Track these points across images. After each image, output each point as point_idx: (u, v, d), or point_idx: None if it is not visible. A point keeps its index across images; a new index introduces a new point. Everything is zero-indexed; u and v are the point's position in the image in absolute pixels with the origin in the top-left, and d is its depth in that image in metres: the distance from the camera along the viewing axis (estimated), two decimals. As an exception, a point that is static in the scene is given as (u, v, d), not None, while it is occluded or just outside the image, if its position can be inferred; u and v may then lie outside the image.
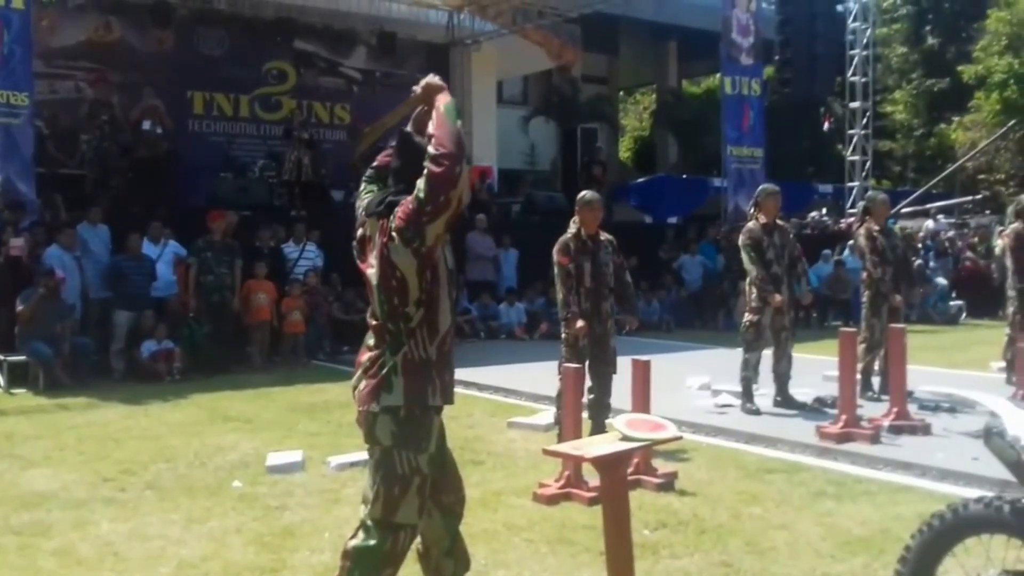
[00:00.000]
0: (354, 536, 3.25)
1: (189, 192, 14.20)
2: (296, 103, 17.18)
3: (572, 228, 6.54)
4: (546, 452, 3.76)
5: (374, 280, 3.24)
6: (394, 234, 3.06)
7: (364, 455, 6.12)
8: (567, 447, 3.70)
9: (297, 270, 12.39)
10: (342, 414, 8.21)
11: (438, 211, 2.98)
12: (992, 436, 2.90)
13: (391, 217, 3.09)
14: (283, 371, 10.98)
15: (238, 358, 11.26)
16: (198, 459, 6.44)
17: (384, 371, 3.19)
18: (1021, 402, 7.33)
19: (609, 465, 3.32)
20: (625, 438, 3.36)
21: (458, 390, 9.83)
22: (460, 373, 10.57)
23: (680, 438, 3.44)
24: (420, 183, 3.00)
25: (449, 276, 3.25)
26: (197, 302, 11.15)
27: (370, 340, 3.33)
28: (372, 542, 3.18)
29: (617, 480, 3.37)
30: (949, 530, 2.92)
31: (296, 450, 6.42)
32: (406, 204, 3.04)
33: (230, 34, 16.67)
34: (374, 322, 3.32)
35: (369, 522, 3.21)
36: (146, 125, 13.80)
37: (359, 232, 3.34)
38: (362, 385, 3.26)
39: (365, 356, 3.30)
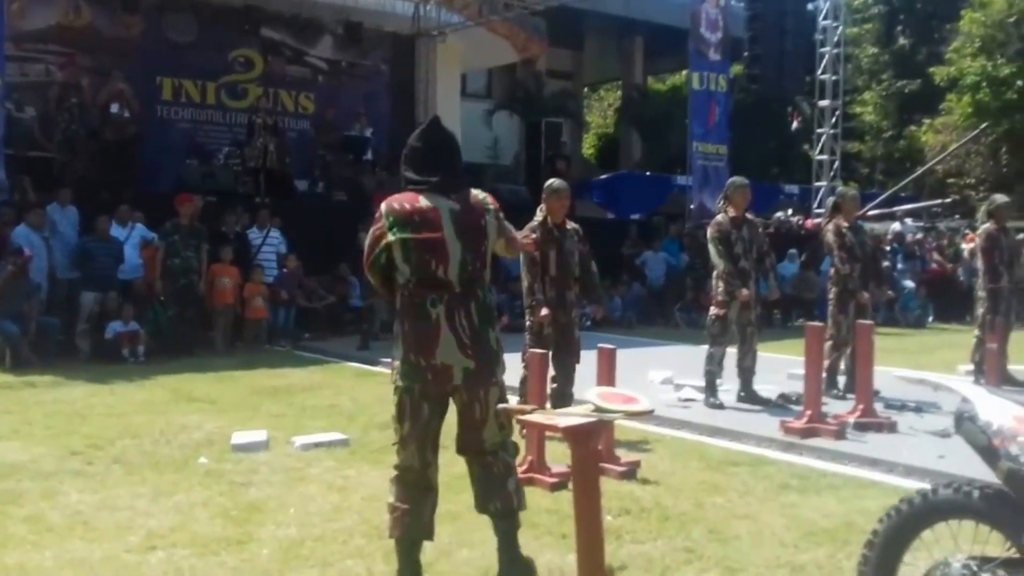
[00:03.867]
0: (504, 453, 3.91)
1: (155, 176, 14.22)
2: (262, 91, 17.14)
3: (538, 216, 6.58)
4: (519, 421, 3.78)
5: (465, 246, 3.73)
6: (494, 213, 3.96)
7: (328, 436, 6.30)
8: (539, 416, 3.65)
9: (260, 256, 12.44)
10: (305, 397, 8.31)
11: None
12: (963, 421, 2.91)
13: (484, 198, 3.96)
14: (245, 355, 11.03)
15: (202, 341, 11.30)
16: (163, 436, 6.51)
17: (495, 347, 3.85)
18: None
19: (581, 436, 3.29)
20: (598, 409, 3.33)
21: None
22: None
23: (652, 411, 3.47)
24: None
25: None
26: (164, 285, 11.16)
27: (462, 303, 3.76)
28: (508, 456, 3.94)
29: (589, 452, 3.36)
30: (917, 515, 2.96)
31: (260, 430, 6.51)
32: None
33: (198, 21, 16.58)
34: (458, 290, 3.75)
35: (496, 446, 3.90)
36: (114, 108, 13.74)
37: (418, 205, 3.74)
38: (471, 365, 3.75)
39: (464, 333, 3.74)
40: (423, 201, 3.70)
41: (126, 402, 7.95)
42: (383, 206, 3.75)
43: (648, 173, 22.88)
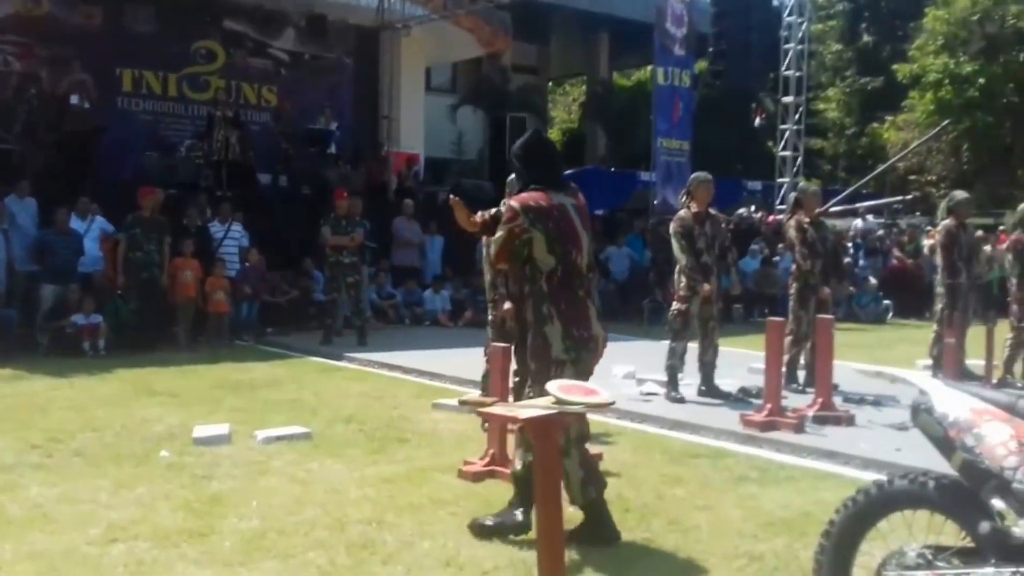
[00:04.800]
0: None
1: (116, 169, 14.05)
2: (224, 83, 17.00)
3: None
4: (480, 413, 3.81)
5: (587, 242, 4.24)
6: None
7: (291, 430, 6.28)
8: (500, 408, 3.67)
9: (222, 250, 12.35)
10: (268, 391, 8.27)
11: None
12: (920, 413, 2.97)
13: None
14: (208, 350, 10.95)
15: (163, 336, 11.22)
16: (125, 430, 6.46)
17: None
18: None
19: (542, 428, 3.32)
20: (559, 402, 3.33)
21: (383, 372, 10.00)
22: (384, 357, 10.71)
23: (613, 403, 3.50)
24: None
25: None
26: (126, 278, 11.05)
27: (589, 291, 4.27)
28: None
29: (550, 444, 3.38)
30: (873, 505, 3.02)
31: (223, 424, 6.47)
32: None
33: (159, 11, 16.38)
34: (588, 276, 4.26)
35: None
36: (74, 99, 13.59)
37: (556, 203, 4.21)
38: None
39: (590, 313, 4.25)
40: (553, 199, 4.16)
41: (87, 395, 7.87)
42: (517, 204, 4.16)
43: (612, 169, 22.95)
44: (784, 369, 7.82)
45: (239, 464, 5.60)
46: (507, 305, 6.48)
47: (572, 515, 4.55)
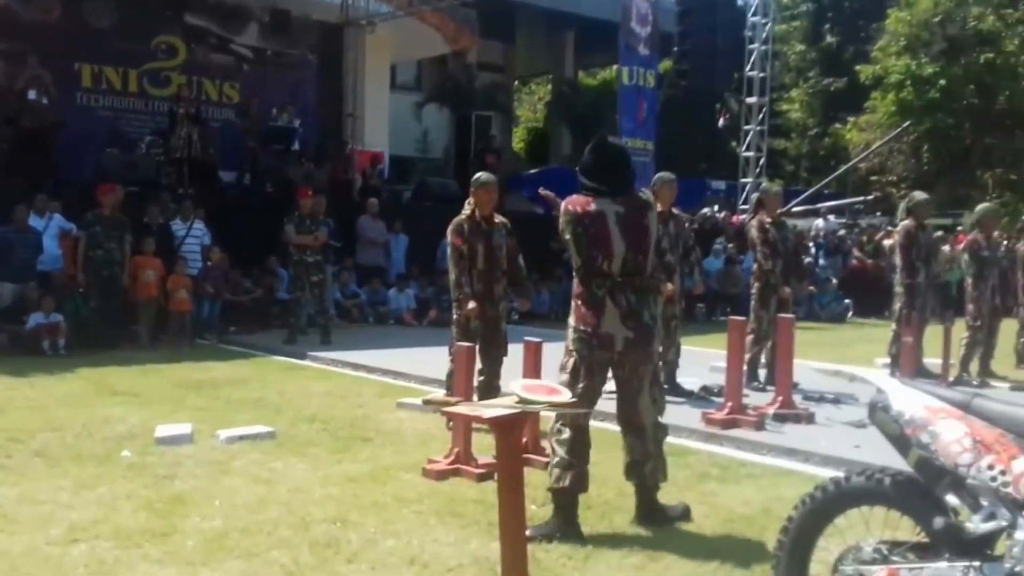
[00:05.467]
0: (642, 439, 4.58)
1: (75, 166, 13.83)
2: (185, 79, 16.83)
3: (467, 210, 6.59)
4: (443, 413, 3.84)
5: (647, 245, 4.49)
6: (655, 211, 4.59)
7: (254, 429, 6.25)
8: (464, 408, 3.71)
9: (184, 248, 12.24)
10: (230, 390, 8.21)
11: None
12: (877, 411, 3.02)
13: (649, 199, 4.64)
14: (169, 349, 10.85)
15: (124, 334, 11.10)
16: (86, 430, 6.39)
17: (651, 323, 4.49)
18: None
19: (506, 427, 3.35)
20: (522, 401, 3.38)
21: (347, 371, 9.96)
22: (348, 356, 10.67)
23: (576, 402, 3.54)
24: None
25: None
26: (86, 277, 10.91)
27: (615, 298, 4.44)
28: (662, 435, 4.70)
29: (513, 443, 3.42)
30: (831, 501, 3.06)
31: (185, 423, 6.42)
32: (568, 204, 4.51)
33: (119, 5, 16.18)
34: (619, 280, 4.45)
35: (652, 427, 4.62)
36: (31, 95, 13.32)
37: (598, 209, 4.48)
38: (630, 335, 4.43)
39: (620, 312, 4.44)
40: (593, 205, 4.46)
41: (47, 395, 7.77)
42: (565, 205, 4.54)
43: (578, 168, 22.97)
44: (745, 368, 7.88)
45: (201, 464, 5.56)
46: (471, 304, 6.53)
47: (534, 513, 4.59)
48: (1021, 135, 26.72)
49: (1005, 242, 12.84)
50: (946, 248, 11.11)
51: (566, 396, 3.54)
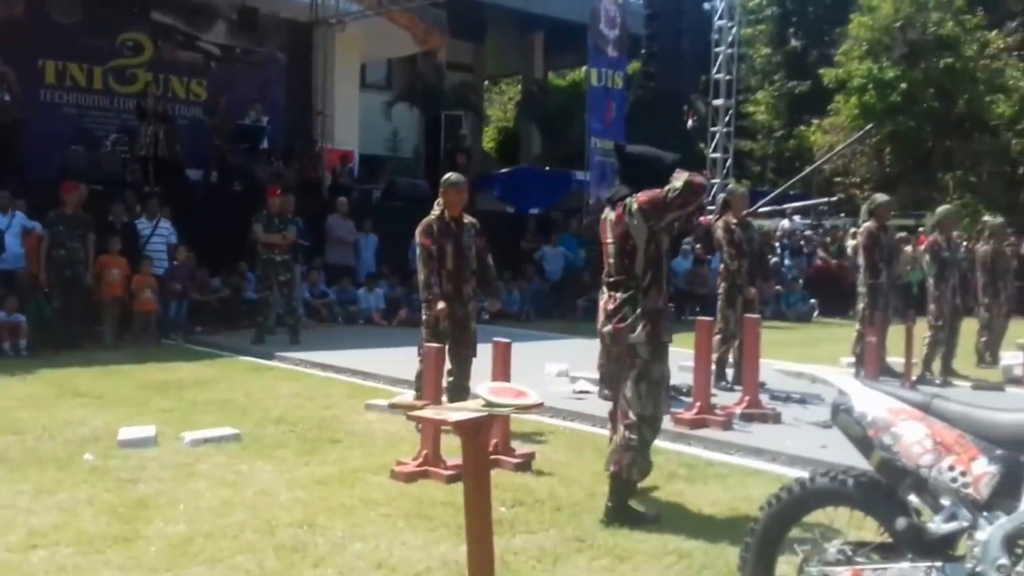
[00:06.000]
0: (626, 432, 4.72)
1: (39, 163, 13.65)
2: (152, 76, 16.64)
3: (436, 210, 6.57)
4: (410, 417, 3.83)
5: (613, 248, 4.78)
6: (635, 211, 4.60)
7: (220, 431, 6.19)
8: (430, 412, 3.71)
9: (150, 247, 12.11)
10: (196, 392, 8.13)
11: (680, 207, 4.53)
12: (840, 413, 3.04)
13: (629, 202, 4.62)
14: (134, 349, 10.74)
15: (88, 335, 10.96)
16: (47, 432, 6.30)
17: (629, 319, 4.69)
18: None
19: (472, 430, 3.34)
20: (488, 404, 3.38)
21: (315, 372, 9.90)
22: (317, 356, 10.61)
23: (542, 404, 3.52)
24: (676, 183, 4.48)
25: (665, 254, 4.76)
26: (49, 276, 10.77)
27: (611, 292, 4.82)
28: (642, 433, 4.70)
29: (479, 446, 3.41)
30: (796, 502, 3.08)
31: (149, 425, 6.35)
32: (656, 193, 4.53)
33: (84, 2, 15.99)
34: (610, 280, 4.84)
35: (634, 419, 4.71)
36: (-6, 92, 13.17)
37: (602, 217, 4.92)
38: (610, 327, 4.79)
39: (610, 305, 4.80)
40: (605, 213, 4.91)
41: (7, 396, 7.66)
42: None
43: (547, 168, 23.04)
44: (713, 367, 7.90)
45: (166, 467, 5.50)
46: (441, 305, 6.51)
47: (503, 515, 4.58)
48: (980, 138, 27.13)
49: (965, 243, 13.02)
50: (908, 249, 11.23)
51: (533, 399, 3.53)
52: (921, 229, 16.04)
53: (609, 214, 4.84)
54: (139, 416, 6.91)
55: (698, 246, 17.09)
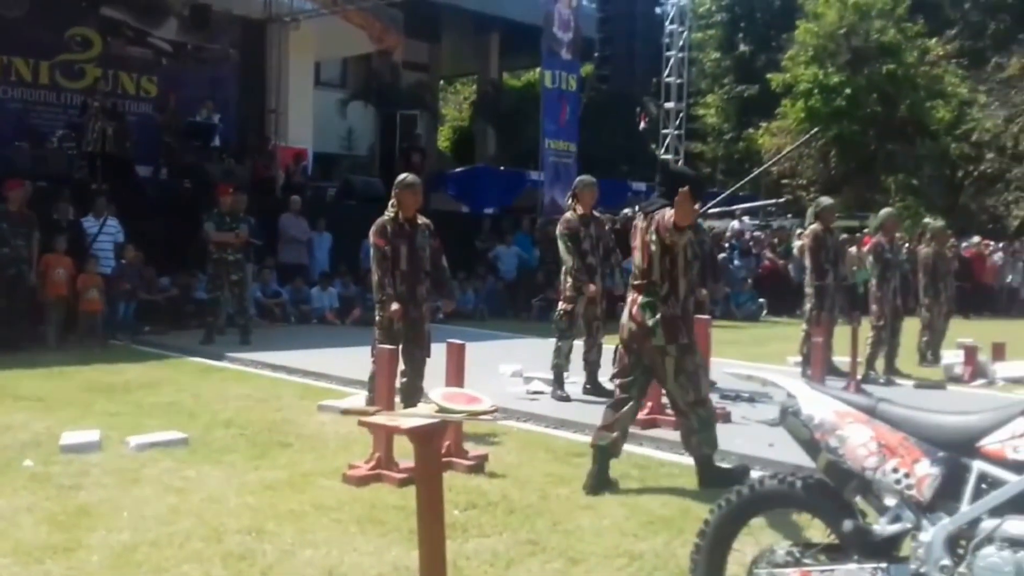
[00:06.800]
0: (684, 420, 5.40)
1: (-19, 160, 13.35)
2: (101, 72, 16.39)
3: (390, 211, 6.54)
4: (361, 424, 3.77)
5: (637, 255, 5.30)
6: (652, 229, 5.12)
7: (167, 435, 6.08)
8: (382, 418, 3.68)
9: (96, 246, 11.88)
10: (143, 394, 7.99)
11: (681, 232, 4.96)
12: (788, 415, 3.07)
13: (654, 219, 5.09)
14: (79, 350, 10.51)
15: (31, 335, 10.73)
16: (-15, 438, 6.14)
17: (649, 324, 5.21)
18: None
19: (425, 437, 3.33)
20: (442, 410, 3.37)
21: (266, 373, 9.78)
22: (268, 356, 10.48)
23: (496, 410, 3.51)
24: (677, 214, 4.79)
25: (686, 264, 5.26)
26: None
27: (634, 294, 5.33)
28: (697, 415, 5.32)
29: (432, 453, 3.39)
30: (746, 504, 3.11)
31: (93, 429, 6.21)
32: (667, 223, 4.90)
33: (31, -5, 15.71)
34: (635, 282, 5.35)
35: (685, 408, 5.33)
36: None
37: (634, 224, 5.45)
38: (633, 326, 5.29)
39: (633, 307, 5.31)
40: (636, 220, 5.43)
41: (-56, 400, 7.45)
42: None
43: (502, 168, 23.05)
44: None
45: (110, 473, 5.37)
46: (395, 306, 6.47)
47: (456, 519, 4.55)
48: (921, 142, 27.89)
49: (907, 244, 13.24)
50: (852, 250, 11.41)
51: (486, 404, 3.53)
52: (866, 231, 16.30)
53: (640, 222, 5.30)
54: (83, 420, 6.76)
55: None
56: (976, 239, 21.66)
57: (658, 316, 5.17)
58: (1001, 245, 22.31)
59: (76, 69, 16.42)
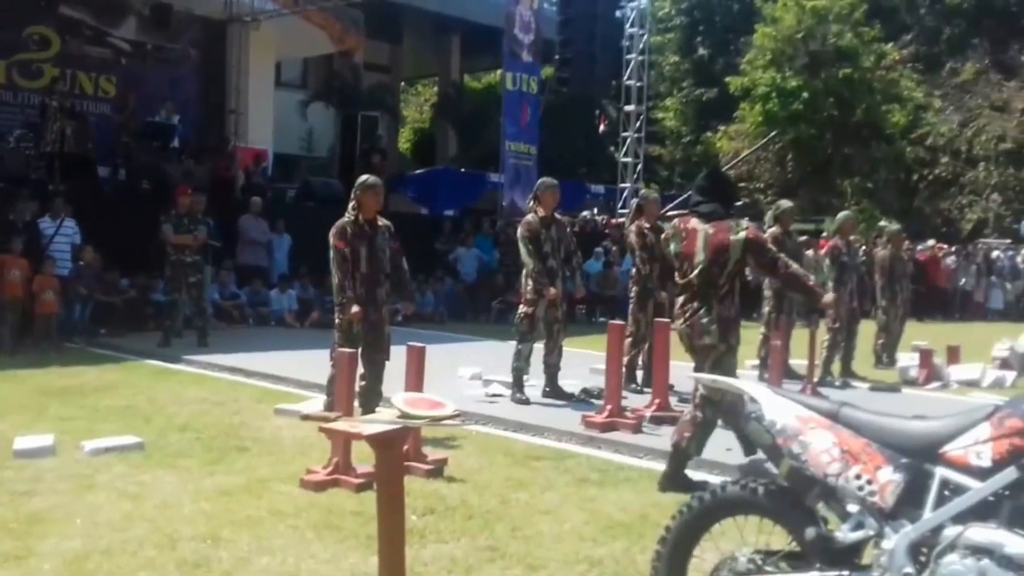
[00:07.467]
0: (695, 411, 5.42)
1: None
2: (59, 72, 16.12)
3: (350, 212, 6.50)
4: (322, 430, 3.74)
5: (701, 255, 5.38)
6: (741, 239, 5.32)
7: (121, 440, 6.00)
8: (343, 424, 3.64)
9: (53, 247, 11.66)
10: (98, 398, 7.85)
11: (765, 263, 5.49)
12: (750, 421, 3.05)
13: (737, 227, 5.37)
14: (34, 353, 10.32)
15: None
16: (-66, 443, 5.99)
17: (704, 322, 5.41)
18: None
19: (385, 443, 3.29)
20: (404, 415, 3.33)
21: (223, 375, 9.66)
22: (225, 359, 10.35)
23: (459, 414, 3.47)
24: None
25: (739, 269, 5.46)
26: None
27: (687, 296, 5.49)
28: (710, 413, 5.43)
29: (393, 459, 3.35)
30: (707, 511, 3.09)
31: (47, 434, 6.09)
32: (764, 239, 5.64)
33: (-14, -7, 15.43)
34: (686, 284, 5.49)
35: (703, 400, 5.41)
36: None
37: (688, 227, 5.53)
38: (685, 327, 5.48)
39: (687, 308, 5.48)
40: (691, 223, 5.48)
41: None
42: (675, 221, 5.65)
43: (463, 169, 23.02)
44: (624, 370, 7.96)
45: (63, 478, 5.27)
46: (355, 309, 6.42)
47: (414, 524, 4.51)
48: (877, 146, 28.27)
49: (863, 247, 13.38)
50: (809, 253, 11.53)
51: (448, 410, 3.49)
52: (823, 234, 16.48)
53: (702, 227, 5.40)
54: (36, 424, 6.63)
55: (613, 248, 17.25)
56: (930, 242, 22.01)
57: (713, 314, 5.38)
58: (955, 248, 22.68)
59: (34, 68, 16.16)
